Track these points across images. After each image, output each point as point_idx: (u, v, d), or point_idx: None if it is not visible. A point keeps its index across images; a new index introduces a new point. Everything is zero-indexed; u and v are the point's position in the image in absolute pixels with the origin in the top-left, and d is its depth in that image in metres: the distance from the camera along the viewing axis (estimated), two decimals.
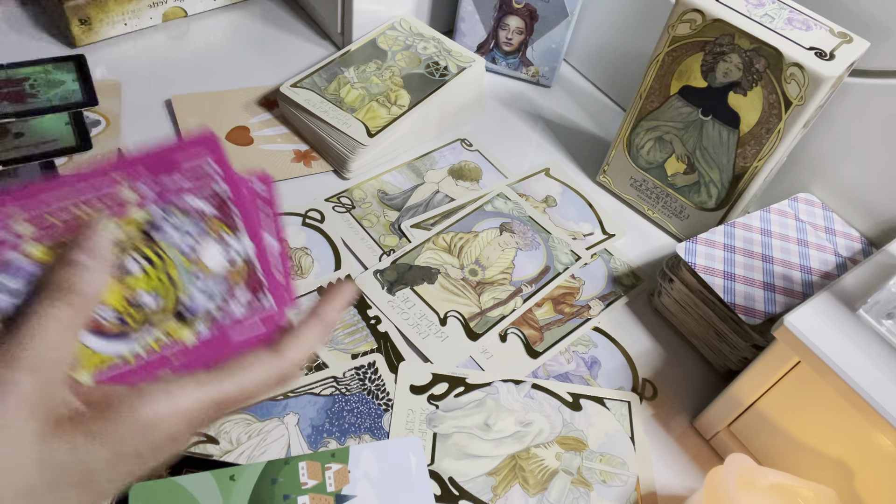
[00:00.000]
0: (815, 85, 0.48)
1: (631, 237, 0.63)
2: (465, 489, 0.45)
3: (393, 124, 0.62)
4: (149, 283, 0.28)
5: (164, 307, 0.28)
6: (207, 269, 0.29)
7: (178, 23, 0.74)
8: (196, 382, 0.27)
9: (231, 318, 0.29)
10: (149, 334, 0.28)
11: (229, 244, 0.29)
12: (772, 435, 0.46)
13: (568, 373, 0.52)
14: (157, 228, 0.28)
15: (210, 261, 0.29)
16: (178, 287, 0.28)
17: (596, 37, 0.74)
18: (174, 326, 0.28)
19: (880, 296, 0.42)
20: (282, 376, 0.29)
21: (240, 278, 0.29)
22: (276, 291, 0.30)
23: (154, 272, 0.28)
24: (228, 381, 0.27)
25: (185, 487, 0.41)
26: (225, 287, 0.29)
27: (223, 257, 0.29)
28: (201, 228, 0.28)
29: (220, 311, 0.29)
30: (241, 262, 0.29)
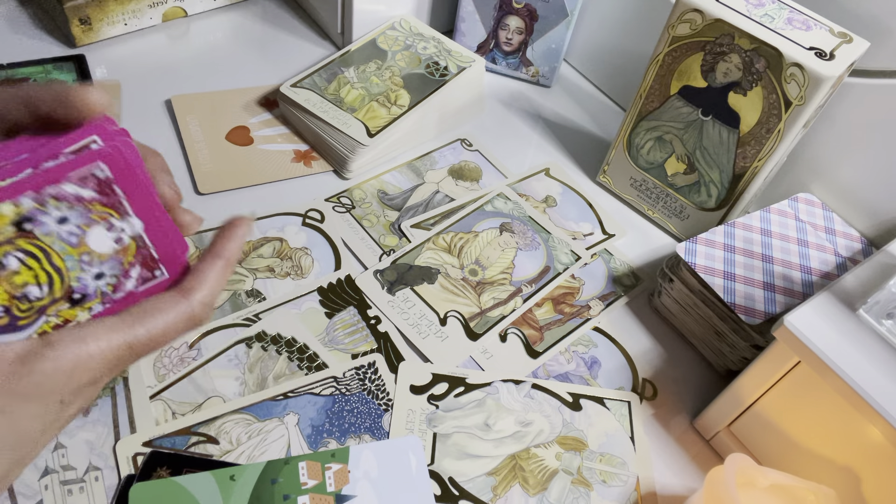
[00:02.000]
0: (815, 85, 0.48)
1: (631, 237, 0.63)
2: (465, 489, 0.45)
3: (393, 124, 0.62)
4: (33, 277, 0.27)
5: (52, 294, 0.27)
6: (95, 252, 0.28)
7: (178, 23, 0.74)
8: (107, 327, 0.27)
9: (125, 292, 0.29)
10: (42, 322, 0.27)
11: (114, 224, 0.28)
12: (772, 435, 0.46)
13: (568, 373, 0.52)
14: (31, 221, 0.27)
15: (96, 244, 0.28)
16: (65, 274, 0.27)
17: (596, 37, 0.74)
18: (68, 310, 0.28)
19: (880, 296, 0.42)
20: (192, 317, 0.29)
21: (130, 256, 0.29)
22: (168, 261, 0.30)
23: (37, 264, 0.27)
24: (139, 326, 0.27)
25: (185, 487, 0.41)
26: (116, 265, 0.28)
27: (110, 238, 0.28)
28: (80, 213, 0.27)
29: (112, 289, 0.28)
30: (129, 240, 0.29)
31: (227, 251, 0.30)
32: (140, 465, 0.43)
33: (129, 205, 0.28)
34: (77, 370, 0.26)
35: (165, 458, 0.43)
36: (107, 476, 0.42)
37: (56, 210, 0.27)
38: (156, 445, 0.44)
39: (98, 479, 0.42)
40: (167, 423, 0.45)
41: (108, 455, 0.43)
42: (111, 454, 0.43)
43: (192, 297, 0.29)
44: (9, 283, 0.27)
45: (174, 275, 0.30)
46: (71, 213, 0.27)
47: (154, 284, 0.30)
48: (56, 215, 0.27)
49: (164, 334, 0.28)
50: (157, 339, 0.28)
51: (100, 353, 0.26)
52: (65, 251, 0.27)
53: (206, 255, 0.30)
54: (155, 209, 0.29)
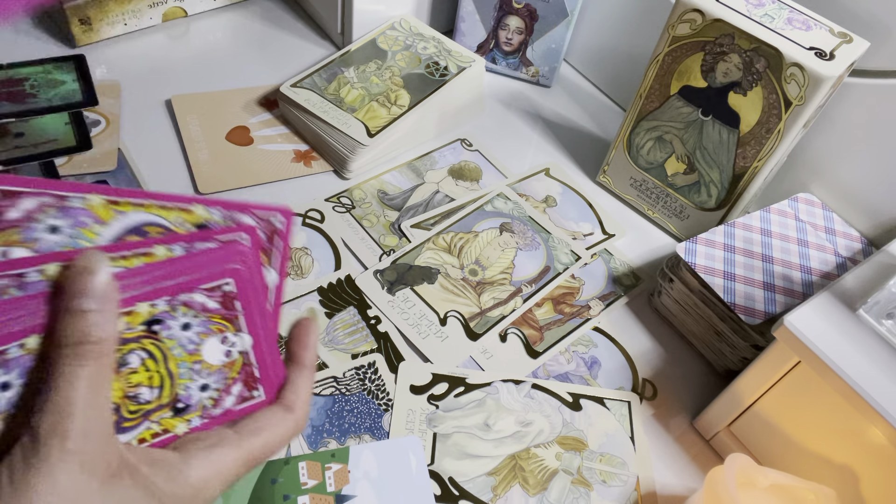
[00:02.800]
0: (815, 85, 0.48)
1: (631, 237, 0.63)
2: (465, 489, 0.45)
3: (393, 124, 0.62)
4: (147, 378, 0.27)
5: (160, 399, 0.28)
6: (206, 363, 0.29)
7: (178, 23, 0.74)
8: (230, 444, 0.28)
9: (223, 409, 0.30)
10: (143, 427, 0.28)
11: (229, 339, 0.29)
12: (772, 435, 0.46)
13: (568, 373, 0.52)
14: (160, 322, 0.27)
15: (209, 355, 0.29)
16: (176, 380, 0.28)
17: (596, 37, 0.74)
18: (169, 419, 0.28)
19: (880, 296, 0.42)
20: (296, 429, 0.31)
21: (235, 372, 0.30)
22: (267, 381, 0.31)
23: (154, 366, 0.27)
24: (256, 441, 0.29)
25: None
26: (220, 379, 0.29)
27: (222, 352, 0.29)
28: (202, 322, 0.28)
29: (213, 403, 0.29)
30: (237, 354, 0.30)
31: (308, 360, 0.33)
32: None
33: (245, 321, 0.29)
34: (206, 486, 0.27)
35: None
36: None
37: (183, 316, 0.28)
38: None
39: None
40: None
41: None
42: None
43: (296, 412, 0.31)
44: (126, 380, 0.27)
45: (270, 398, 0.31)
46: (194, 321, 0.28)
47: (251, 405, 0.31)
48: (182, 321, 0.28)
49: (274, 448, 0.30)
50: (269, 453, 0.30)
51: (225, 469, 0.28)
52: (181, 357, 0.28)
53: (294, 368, 0.32)
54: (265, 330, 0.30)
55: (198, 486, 0.27)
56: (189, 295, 0.27)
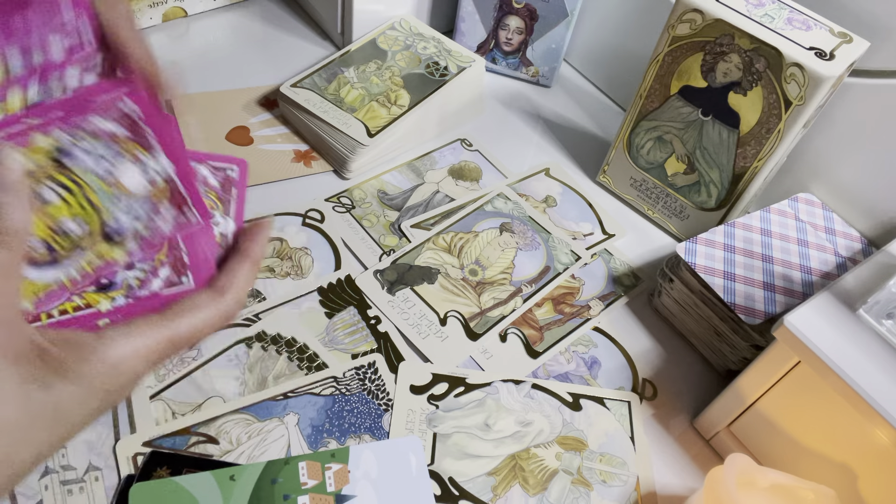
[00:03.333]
0: (815, 85, 0.48)
1: (631, 237, 0.63)
2: (465, 489, 0.45)
3: (393, 124, 0.62)
4: (70, 210, 0.28)
5: (90, 231, 0.28)
6: (128, 191, 0.29)
7: (178, 23, 0.74)
8: (150, 324, 0.28)
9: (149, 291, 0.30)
10: (80, 258, 0.28)
11: (146, 164, 0.29)
12: (772, 435, 0.46)
13: (568, 373, 0.52)
14: (67, 154, 0.27)
15: (129, 182, 0.28)
16: (101, 210, 0.28)
17: (596, 37, 0.74)
18: (105, 248, 0.28)
19: (880, 296, 0.42)
20: (227, 314, 0.31)
21: (163, 196, 0.29)
22: (200, 206, 0.30)
23: (73, 199, 0.27)
24: (180, 321, 0.29)
25: (185, 487, 0.41)
26: (149, 206, 0.29)
27: (142, 178, 0.29)
28: (115, 151, 0.28)
29: (147, 230, 0.29)
30: (162, 182, 0.29)
31: (254, 252, 0.32)
32: (140, 465, 0.43)
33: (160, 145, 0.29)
34: (123, 363, 0.27)
35: (165, 458, 0.43)
36: (107, 476, 0.42)
37: (90, 145, 0.27)
38: (156, 445, 0.44)
39: (98, 479, 0.42)
40: (167, 423, 0.45)
41: (108, 455, 0.43)
42: (111, 454, 0.43)
43: (227, 296, 0.31)
44: (47, 216, 0.27)
45: (199, 286, 0.31)
46: (104, 150, 0.28)
47: (178, 291, 0.31)
48: (89, 150, 0.27)
49: (201, 329, 0.30)
50: (196, 335, 0.30)
51: (145, 348, 0.28)
52: (99, 187, 0.28)
53: (233, 255, 0.32)
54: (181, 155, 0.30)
55: (115, 363, 0.27)
56: (89, 122, 0.27)
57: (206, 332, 0.30)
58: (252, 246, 0.32)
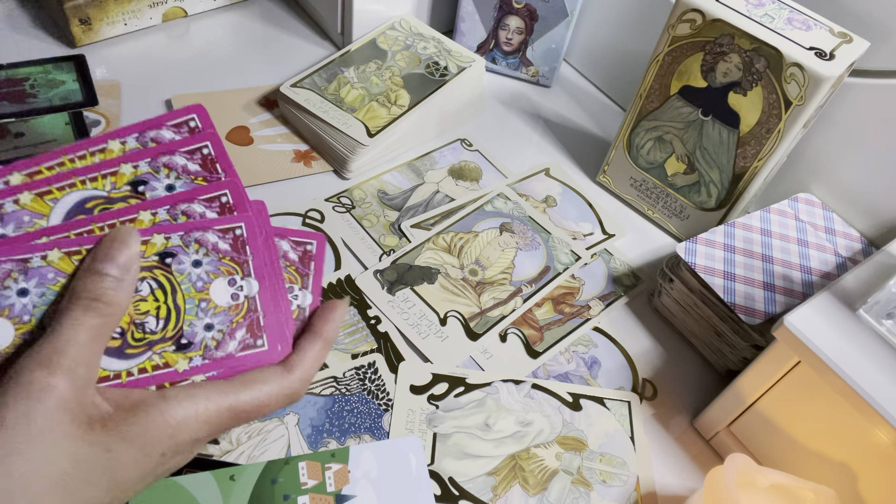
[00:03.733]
0: (815, 85, 0.48)
1: (631, 237, 0.63)
2: (465, 489, 0.45)
3: (393, 124, 0.62)
4: (155, 308, 0.29)
5: (165, 331, 0.29)
6: (213, 303, 0.29)
7: (178, 23, 0.74)
8: (217, 390, 0.28)
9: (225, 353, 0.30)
10: (146, 357, 0.28)
11: (237, 282, 0.30)
12: (772, 435, 0.46)
13: (568, 373, 0.52)
14: (173, 256, 0.29)
15: (217, 295, 0.29)
16: (183, 315, 0.29)
17: (596, 37, 0.74)
18: (171, 354, 0.29)
19: (880, 296, 0.42)
20: (292, 392, 0.31)
21: (240, 317, 0.30)
22: (271, 332, 0.31)
23: (162, 297, 0.29)
24: (245, 392, 0.29)
25: (185, 487, 0.41)
26: (225, 321, 0.30)
27: (229, 292, 0.30)
28: (214, 265, 0.29)
29: (215, 344, 0.30)
30: (244, 299, 0.30)
31: (327, 332, 0.33)
32: None
33: (254, 267, 0.30)
34: (183, 427, 0.27)
35: None
36: None
37: (195, 253, 0.29)
38: None
39: None
40: None
41: None
42: None
43: (294, 373, 0.31)
44: (134, 308, 0.28)
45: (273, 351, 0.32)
46: (205, 259, 0.29)
47: (253, 353, 0.31)
48: (193, 258, 0.29)
49: (265, 405, 0.30)
50: (258, 409, 0.30)
51: (206, 413, 0.28)
52: (189, 293, 0.29)
53: (306, 334, 0.32)
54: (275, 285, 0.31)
55: (175, 426, 0.27)
56: (202, 233, 0.29)
57: (270, 408, 0.30)
58: (325, 326, 0.33)
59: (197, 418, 0.27)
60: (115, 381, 0.28)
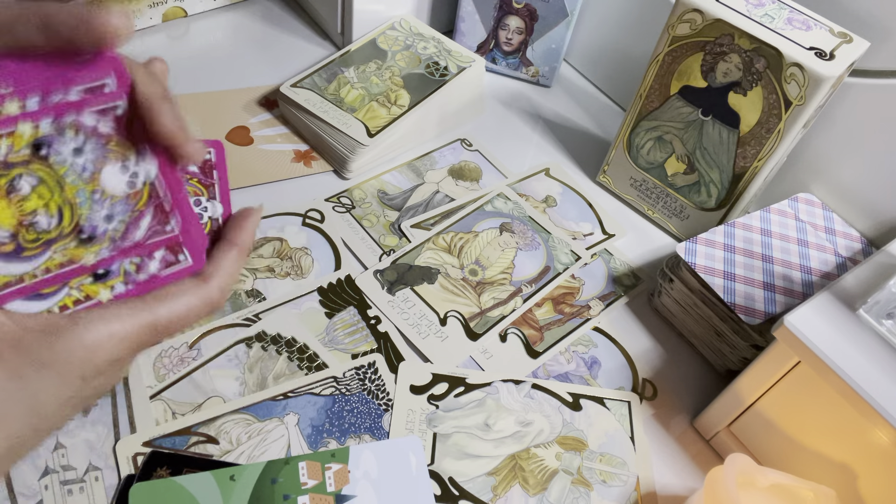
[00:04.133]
0: (815, 85, 0.48)
1: (631, 237, 0.63)
2: (465, 489, 0.45)
3: (393, 124, 0.62)
4: (43, 205, 0.26)
5: (61, 227, 0.27)
6: (106, 191, 0.27)
7: (178, 23, 0.74)
8: (130, 308, 0.27)
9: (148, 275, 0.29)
10: (45, 255, 0.27)
11: (130, 166, 0.28)
12: (772, 435, 0.46)
13: (568, 373, 0.52)
14: (49, 146, 0.26)
15: (109, 182, 0.27)
16: (76, 208, 0.27)
17: (596, 37, 0.74)
18: (73, 248, 0.27)
19: (880, 296, 0.42)
20: (210, 302, 0.30)
21: (142, 202, 0.28)
22: (192, 246, 0.30)
23: (48, 194, 0.26)
24: (161, 307, 0.28)
25: (185, 487, 0.41)
26: (126, 209, 0.28)
27: (123, 179, 0.28)
28: (100, 149, 0.27)
29: (135, 268, 0.28)
30: (142, 185, 0.28)
31: (241, 239, 0.31)
32: (140, 465, 0.43)
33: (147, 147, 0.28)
34: (100, 348, 0.26)
35: (165, 458, 0.43)
36: (107, 476, 0.42)
37: (73, 140, 0.26)
38: (156, 445, 0.44)
39: (98, 479, 0.42)
40: (167, 423, 0.45)
41: (108, 455, 0.43)
42: (111, 454, 0.43)
43: (211, 283, 0.30)
44: (18, 207, 0.26)
45: (199, 264, 0.30)
46: (87, 146, 0.27)
47: (177, 270, 0.30)
48: (73, 145, 0.26)
49: (184, 317, 0.29)
50: (178, 322, 0.29)
51: (123, 332, 0.27)
52: (77, 185, 0.27)
53: (220, 243, 0.31)
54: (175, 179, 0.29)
55: (91, 347, 0.26)
56: (77, 116, 0.26)
57: (189, 320, 0.29)
58: (239, 233, 0.31)
59: (112, 338, 0.26)
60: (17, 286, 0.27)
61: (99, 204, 0.27)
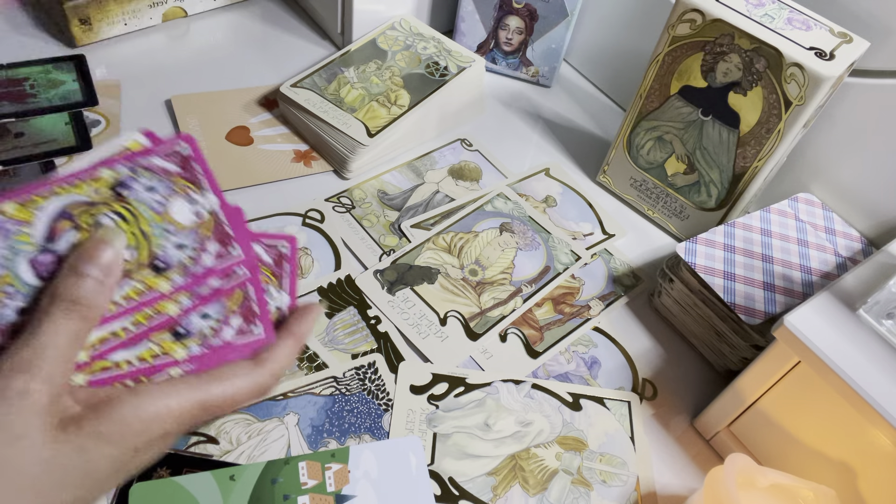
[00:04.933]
0: (815, 85, 0.48)
1: (631, 237, 0.63)
2: (465, 489, 0.45)
3: (393, 124, 0.62)
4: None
5: (138, 259, 0.30)
6: (177, 223, 0.30)
7: (178, 23, 0.74)
8: (187, 385, 0.29)
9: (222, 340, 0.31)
10: (127, 286, 0.29)
11: (195, 199, 0.31)
12: (772, 435, 0.46)
13: (568, 373, 0.52)
14: (125, 187, 0.30)
15: (178, 215, 0.30)
16: (151, 240, 0.30)
17: (596, 37, 0.74)
18: (150, 277, 0.30)
19: (880, 296, 0.42)
20: (262, 386, 0.31)
21: (208, 231, 0.31)
22: (244, 245, 0.32)
23: (127, 227, 0.29)
24: (215, 386, 0.29)
25: (185, 487, 0.41)
26: (195, 239, 0.31)
27: (191, 212, 0.31)
28: (168, 186, 0.30)
29: (192, 262, 0.31)
30: (208, 215, 0.31)
31: (300, 331, 0.33)
32: None
33: (207, 182, 0.31)
34: (155, 422, 0.27)
35: (165, 458, 0.43)
36: None
37: (146, 179, 0.30)
38: None
39: None
40: None
41: None
42: None
43: (265, 368, 0.31)
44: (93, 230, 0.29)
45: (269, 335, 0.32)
46: (158, 184, 0.30)
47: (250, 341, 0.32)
48: (145, 184, 0.30)
49: (234, 399, 0.30)
50: (228, 403, 0.30)
51: (178, 408, 0.28)
52: (151, 217, 0.30)
53: (280, 331, 0.33)
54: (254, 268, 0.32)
55: (147, 421, 0.27)
56: (147, 160, 0.30)
57: (239, 402, 0.30)
58: (299, 325, 0.33)
59: (169, 413, 0.28)
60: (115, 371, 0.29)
61: (170, 234, 0.30)
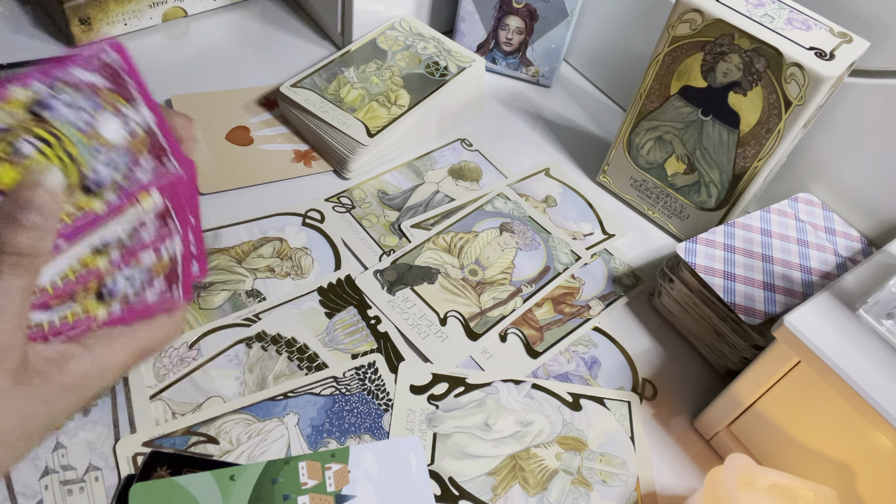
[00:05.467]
0: (815, 85, 0.48)
1: (631, 237, 0.63)
2: (465, 489, 0.45)
3: (393, 124, 0.62)
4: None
5: (68, 184, 0.27)
6: (107, 142, 0.28)
7: (178, 23, 0.74)
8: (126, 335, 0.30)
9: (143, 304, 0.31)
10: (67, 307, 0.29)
11: (127, 115, 0.28)
12: (772, 435, 0.46)
13: (568, 373, 0.52)
14: (45, 107, 0.27)
15: (108, 133, 0.28)
16: (80, 162, 0.27)
17: (596, 37, 0.74)
18: (83, 199, 0.28)
19: (880, 296, 0.42)
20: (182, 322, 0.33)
21: (142, 147, 0.29)
22: (179, 156, 0.30)
23: (51, 152, 0.27)
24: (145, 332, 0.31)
25: (185, 487, 0.41)
26: (128, 157, 0.28)
27: (122, 129, 0.28)
28: (95, 102, 0.27)
29: (126, 180, 0.29)
30: (142, 132, 0.29)
31: None
32: (140, 465, 0.43)
33: (140, 94, 0.28)
34: (107, 373, 0.29)
35: (165, 458, 0.43)
36: (107, 476, 0.42)
37: (67, 96, 0.27)
38: (156, 445, 0.44)
39: (98, 479, 0.42)
40: (167, 423, 0.45)
41: (108, 455, 0.43)
42: (111, 454, 0.43)
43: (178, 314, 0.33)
44: (25, 169, 0.26)
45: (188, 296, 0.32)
46: (83, 100, 0.27)
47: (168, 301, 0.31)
48: (67, 101, 0.27)
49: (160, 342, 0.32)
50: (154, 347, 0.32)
51: (124, 359, 0.30)
52: (78, 139, 0.27)
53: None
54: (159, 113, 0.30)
55: (100, 374, 0.29)
56: (69, 73, 0.27)
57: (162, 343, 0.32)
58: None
59: (117, 365, 0.29)
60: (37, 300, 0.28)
61: (101, 154, 0.28)
